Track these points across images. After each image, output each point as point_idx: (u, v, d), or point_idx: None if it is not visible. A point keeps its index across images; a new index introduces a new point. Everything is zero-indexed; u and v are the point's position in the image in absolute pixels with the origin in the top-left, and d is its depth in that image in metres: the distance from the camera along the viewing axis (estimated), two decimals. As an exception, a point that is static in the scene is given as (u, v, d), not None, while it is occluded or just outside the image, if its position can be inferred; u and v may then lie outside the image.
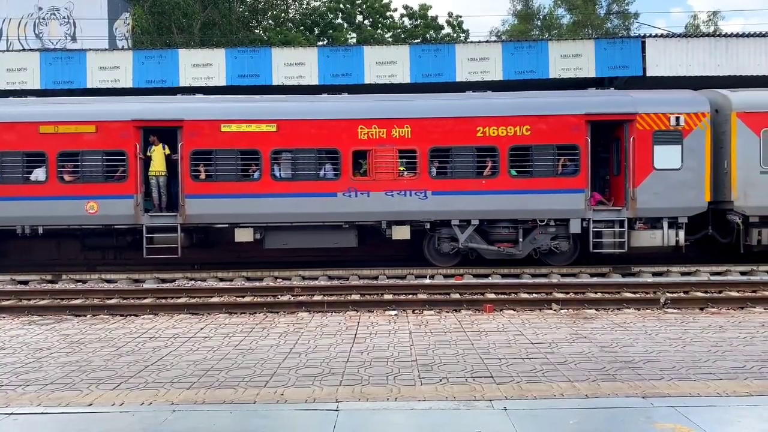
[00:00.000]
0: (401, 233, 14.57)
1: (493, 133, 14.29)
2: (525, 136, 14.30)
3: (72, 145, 14.35)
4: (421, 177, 14.35)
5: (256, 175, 14.49)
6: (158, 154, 14.54)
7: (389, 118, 14.38)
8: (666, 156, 14.23)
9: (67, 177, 14.43)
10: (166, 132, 14.54)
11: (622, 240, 14.29)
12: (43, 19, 28.34)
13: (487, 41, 23.18)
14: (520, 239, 14.61)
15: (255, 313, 10.04)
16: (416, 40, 38.11)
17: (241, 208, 14.39)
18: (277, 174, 14.51)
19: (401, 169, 14.47)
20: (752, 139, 14.27)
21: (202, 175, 14.41)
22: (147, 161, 14.58)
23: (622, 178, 14.67)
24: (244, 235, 14.62)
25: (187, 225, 14.54)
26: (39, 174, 14.47)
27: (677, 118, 14.23)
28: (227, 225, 14.69)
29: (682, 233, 14.36)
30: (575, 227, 14.40)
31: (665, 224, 14.36)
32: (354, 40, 38.69)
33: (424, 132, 14.36)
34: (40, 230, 14.58)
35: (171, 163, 14.63)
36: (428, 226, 14.72)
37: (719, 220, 14.81)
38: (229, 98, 15.57)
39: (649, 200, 14.29)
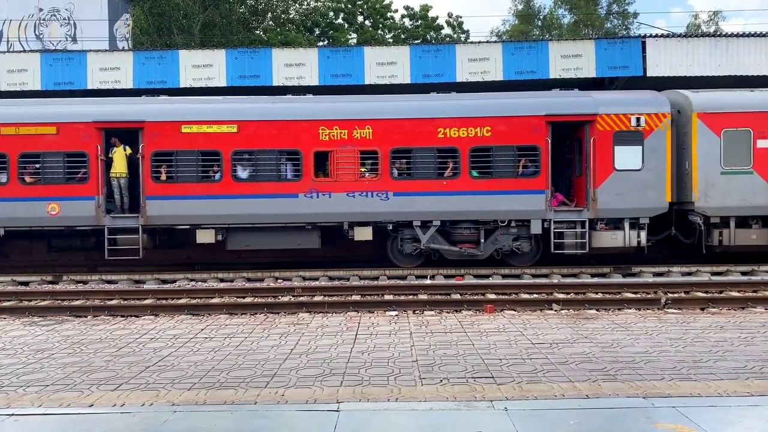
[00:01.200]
0: (363, 234, 14.61)
1: (454, 134, 14.35)
2: (486, 137, 14.36)
3: (33, 147, 14.36)
4: (383, 178, 14.41)
5: (217, 176, 14.50)
6: (119, 155, 14.55)
7: (351, 119, 14.42)
8: (627, 157, 14.28)
9: (28, 178, 14.44)
10: (128, 133, 14.55)
11: (584, 241, 14.33)
12: (44, 20, 28.36)
13: (487, 41, 23.19)
14: (482, 240, 14.66)
15: (256, 313, 10.04)
16: (417, 41, 38.10)
17: (201, 209, 14.41)
18: (238, 175, 14.53)
19: (363, 170, 14.51)
20: (713, 140, 14.28)
21: (163, 177, 14.43)
22: (109, 163, 14.59)
23: (584, 179, 14.71)
24: (205, 237, 14.62)
25: (148, 226, 14.55)
26: (0, 176, 14.48)
27: (638, 119, 14.27)
28: (189, 226, 14.67)
29: (643, 234, 14.41)
30: (536, 228, 14.46)
31: (627, 225, 14.40)
32: (354, 41, 38.69)
33: (385, 133, 14.41)
34: (2, 231, 14.56)
35: (134, 165, 14.63)
36: (391, 227, 14.77)
37: (683, 221, 14.83)
38: (190, 99, 15.60)
39: (609, 201, 14.32)
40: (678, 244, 15.21)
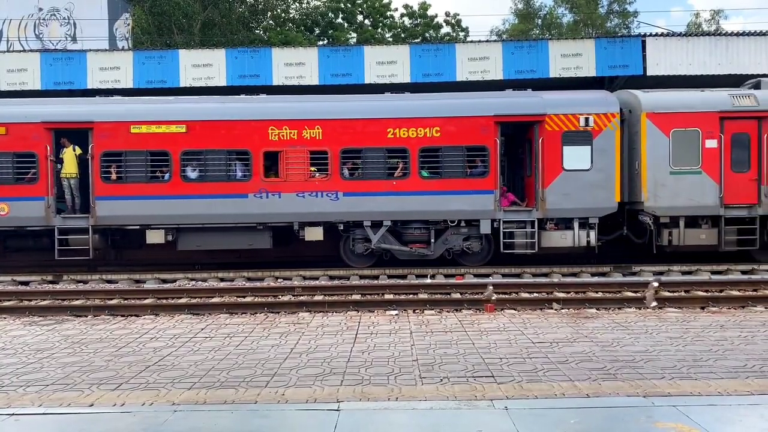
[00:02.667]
0: (314, 234, 14.62)
1: (404, 134, 14.37)
2: (435, 137, 14.38)
3: None
4: (333, 178, 14.41)
5: (166, 176, 14.50)
6: (69, 156, 14.56)
7: (300, 119, 14.42)
8: (575, 157, 14.29)
9: None
10: (78, 134, 14.55)
11: (533, 240, 14.36)
12: (44, 19, 28.36)
13: (487, 41, 23.17)
14: (432, 240, 14.68)
15: (256, 313, 10.04)
16: (416, 40, 38.08)
17: (151, 209, 14.39)
18: (188, 175, 14.53)
19: (313, 170, 14.50)
20: (662, 140, 14.29)
21: (113, 177, 14.42)
22: (61, 163, 14.58)
23: (534, 179, 14.74)
24: (155, 237, 14.63)
25: (98, 227, 14.55)
26: None
27: (586, 119, 14.29)
28: (139, 227, 14.66)
29: (593, 233, 14.42)
30: (485, 228, 14.49)
31: (576, 225, 14.42)
32: (354, 40, 38.67)
33: (335, 133, 14.41)
34: None
35: (84, 165, 14.63)
36: (342, 227, 14.78)
37: (635, 221, 14.84)
38: (139, 100, 15.58)
39: (558, 201, 14.36)
40: (631, 243, 15.22)
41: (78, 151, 14.58)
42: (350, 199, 14.42)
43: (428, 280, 13.51)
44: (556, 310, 9.97)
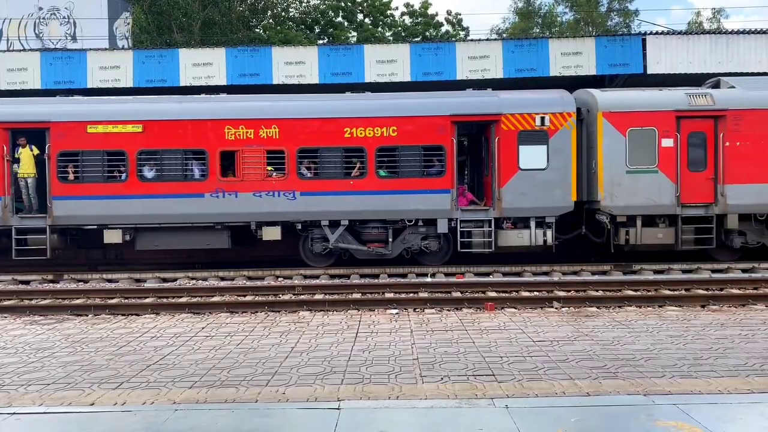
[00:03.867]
0: (272, 234, 14.58)
1: (361, 133, 14.35)
2: (392, 136, 14.36)
3: None
4: (290, 178, 14.39)
5: (122, 176, 14.48)
6: (26, 155, 14.57)
7: (257, 119, 14.40)
8: (531, 156, 14.28)
9: None
10: (35, 134, 14.54)
11: (490, 240, 14.37)
12: (44, 19, 28.34)
13: (487, 39, 23.15)
14: (390, 239, 14.68)
15: (256, 312, 10.05)
16: (416, 39, 38.05)
17: (108, 209, 14.38)
18: (144, 175, 14.51)
19: (269, 169, 14.47)
20: (618, 139, 14.25)
21: (70, 176, 14.41)
22: (18, 163, 14.58)
23: (491, 179, 14.74)
24: (113, 237, 14.60)
25: (56, 226, 14.53)
26: None
27: (542, 118, 14.28)
28: (96, 226, 14.64)
29: (550, 233, 14.41)
30: (442, 227, 14.48)
31: (533, 224, 14.42)
32: (354, 39, 38.64)
33: (292, 132, 14.39)
34: None
35: (42, 165, 14.62)
36: (300, 227, 14.76)
37: (594, 220, 14.82)
38: (96, 100, 15.55)
39: (514, 200, 14.34)
40: (590, 243, 15.20)
41: (35, 151, 14.58)
42: (307, 198, 14.40)
43: (429, 279, 13.51)
44: (556, 308, 9.98)
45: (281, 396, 5.76)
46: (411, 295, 11.19)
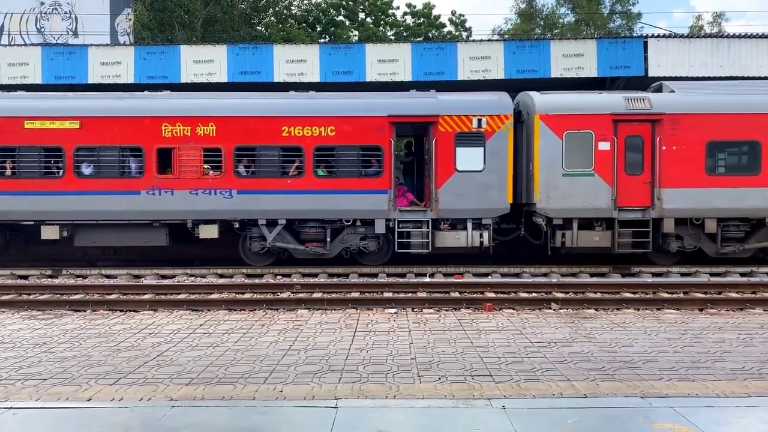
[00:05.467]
0: (209, 232, 14.52)
1: (299, 133, 14.30)
2: (330, 136, 14.32)
3: None
4: (227, 176, 14.33)
5: (60, 172, 14.43)
6: None
7: (194, 116, 14.34)
8: (468, 158, 14.26)
9: None
10: None
11: (427, 240, 14.36)
12: (45, 13, 28.31)
13: (489, 40, 23.18)
14: (328, 239, 14.65)
15: (254, 309, 10.05)
16: (419, 39, 38.05)
17: (45, 205, 14.30)
18: (82, 171, 14.44)
19: (206, 167, 14.42)
20: (555, 142, 14.23)
21: (8, 172, 14.36)
22: None
23: (429, 180, 14.75)
24: (50, 233, 14.52)
25: None
26: None
27: (479, 120, 14.26)
28: (33, 222, 14.57)
29: (486, 234, 14.41)
30: (380, 227, 14.45)
31: (470, 225, 14.41)
32: (356, 38, 38.64)
33: (229, 130, 14.33)
34: None
35: None
36: (237, 226, 14.71)
37: (534, 222, 14.81)
38: (34, 95, 15.47)
39: (451, 201, 14.32)
40: (530, 245, 15.21)
41: None
42: (244, 197, 14.33)
43: (427, 279, 13.51)
44: (554, 310, 9.98)
45: (278, 394, 5.76)
46: (409, 294, 11.19)
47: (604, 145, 14.20)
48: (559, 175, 14.21)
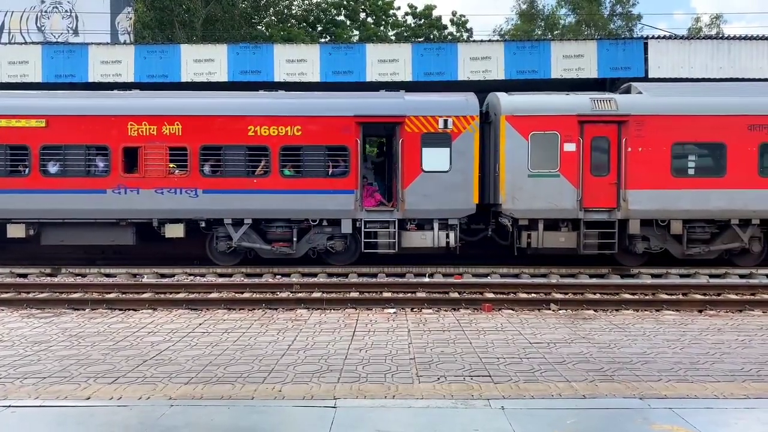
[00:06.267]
0: (175, 231, 14.51)
1: (265, 132, 14.28)
2: (296, 136, 14.30)
3: None
4: (192, 175, 14.31)
5: (26, 170, 14.42)
6: None
7: (159, 115, 14.33)
8: (434, 158, 14.26)
9: None
10: None
11: (394, 240, 14.35)
12: (46, 12, 28.31)
13: (489, 40, 23.16)
14: (295, 239, 14.63)
15: (254, 309, 10.05)
16: (420, 39, 38.06)
17: (11, 203, 14.29)
18: (48, 170, 14.43)
19: (172, 166, 14.42)
20: (521, 143, 14.22)
21: None
22: None
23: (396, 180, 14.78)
24: (16, 231, 14.51)
25: None
26: None
27: (445, 121, 14.26)
28: None
29: (453, 234, 14.41)
30: (347, 227, 14.44)
31: (436, 225, 14.41)
32: (357, 38, 38.63)
33: (195, 129, 14.30)
34: None
35: None
36: (203, 225, 14.69)
37: (501, 222, 14.83)
38: (0, 94, 15.48)
39: (417, 201, 14.32)
40: (498, 245, 15.22)
41: None
42: (210, 196, 14.31)
43: (427, 279, 13.51)
44: (553, 310, 9.99)
45: (277, 393, 5.76)
46: (409, 294, 11.19)
47: (569, 146, 14.20)
48: (524, 176, 14.20)
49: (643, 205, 14.21)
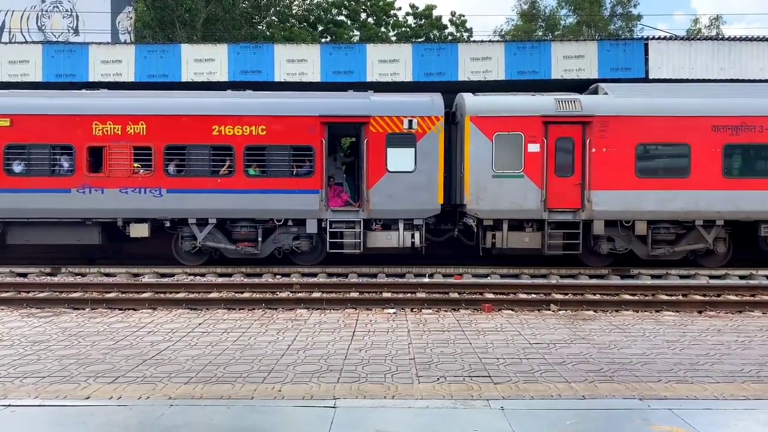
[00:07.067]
0: (140, 231, 14.53)
1: (229, 132, 14.31)
2: (261, 136, 14.34)
3: None
4: (156, 174, 14.36)
5: None
6: None
7: (124, 115, 14.37)
8: (399, 158, 14.32)
9: None
10: None
11: (359, 241, 14.38)
12: (46, 11, 28.32)
13: (490, 41, 23.15)
14: (260, 239, 14.64)
15: (254, 309, 10.05)
16: (420, 39, 38.06)
17: None
18: (12, 169, 14.45)
19: (136, 166, 14.44)
20: (485, 143, 14.25)
21: None
22: None
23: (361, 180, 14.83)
24: None
25: None
26: None
27: (410, 122, 14.31)
28: None
29: (418, 234, 14.45)
30: (312, 227, 14.46)
31: (401, 225, 14.45)
32: (357, 38, 38.64)
33: (159, 129, 14.34)
34: None
35: None
36: (168, 225, 14.69)
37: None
38: None
39: (382, 201, 14.37)
40: (464, 245, 15.26)
41: None
42: (174, 196, 14.33)
43: (426, 280, 13.51)
44: (553, 311, 9.99)
45: (277, 393, 5.76)
46: (409, 295, 11.19)
47: (533, 147, 14.23)
48: (489, 177, 14.24)
49: (607, 206, 14.22)
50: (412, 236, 14.44)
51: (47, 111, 14.47)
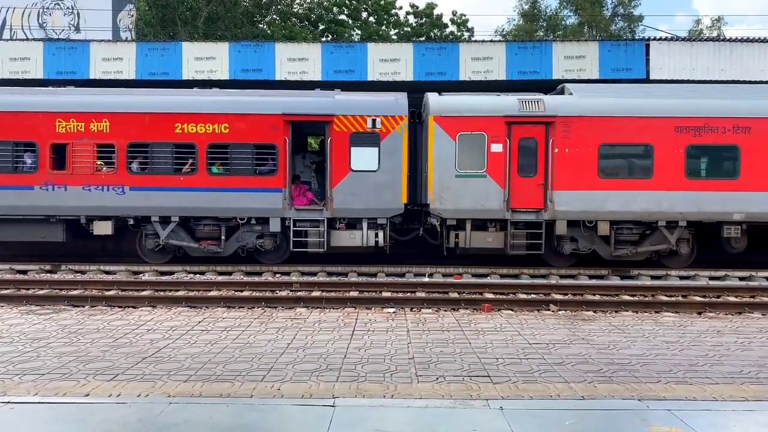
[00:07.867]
0: (103, 228, 14.54)
1: (192, 129, 14.30)
2: (224, 133, 14.32)
3: None
4: (119, 172, 14.35)
5: None
6: None
7: (87, 112, 14.35)
8: (363, 158, 14.32)
9: None
10: None
11: (323, 239, 14.37)
12: (47, 8, 28.27)
13: (491, 41, 23.15)
14: (223, 237, 14.63)
15: (253, 307, 10.05)
16: (421, 38, 38.04)
17: None
18: None
19: (100, 163, 14.46)
20: (448, 143, 14.24)
21: None
22: None
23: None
24: None
25: None
26: None
27: (374, 121, 14.31)
28: None
29: (382, 234, 14.45)
30: (275, 226, 14.45)
31: (365, 225, 14.45)
32: (358, 37, 38.62)
33: (122, 127, 14.34)
34: None
35: None
36: (132, 222, 14.67)
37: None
38: None
39: (345, 201, 14.36)
40: (429, 245, 15.26)
41: None
42: (137, 193, 14.33)
43: (426, 279, 13.51)
44: (553, 311, 9.99)
45: (276, 392, 5.76)
46: (408, 294, 11.20)
47: (496, 147, 14.23)
48: (452, 176, 14.23)
49: (569, 206, 14.22)
50: (376, 235, 14.44)
51: (10, 108, 14.49)
